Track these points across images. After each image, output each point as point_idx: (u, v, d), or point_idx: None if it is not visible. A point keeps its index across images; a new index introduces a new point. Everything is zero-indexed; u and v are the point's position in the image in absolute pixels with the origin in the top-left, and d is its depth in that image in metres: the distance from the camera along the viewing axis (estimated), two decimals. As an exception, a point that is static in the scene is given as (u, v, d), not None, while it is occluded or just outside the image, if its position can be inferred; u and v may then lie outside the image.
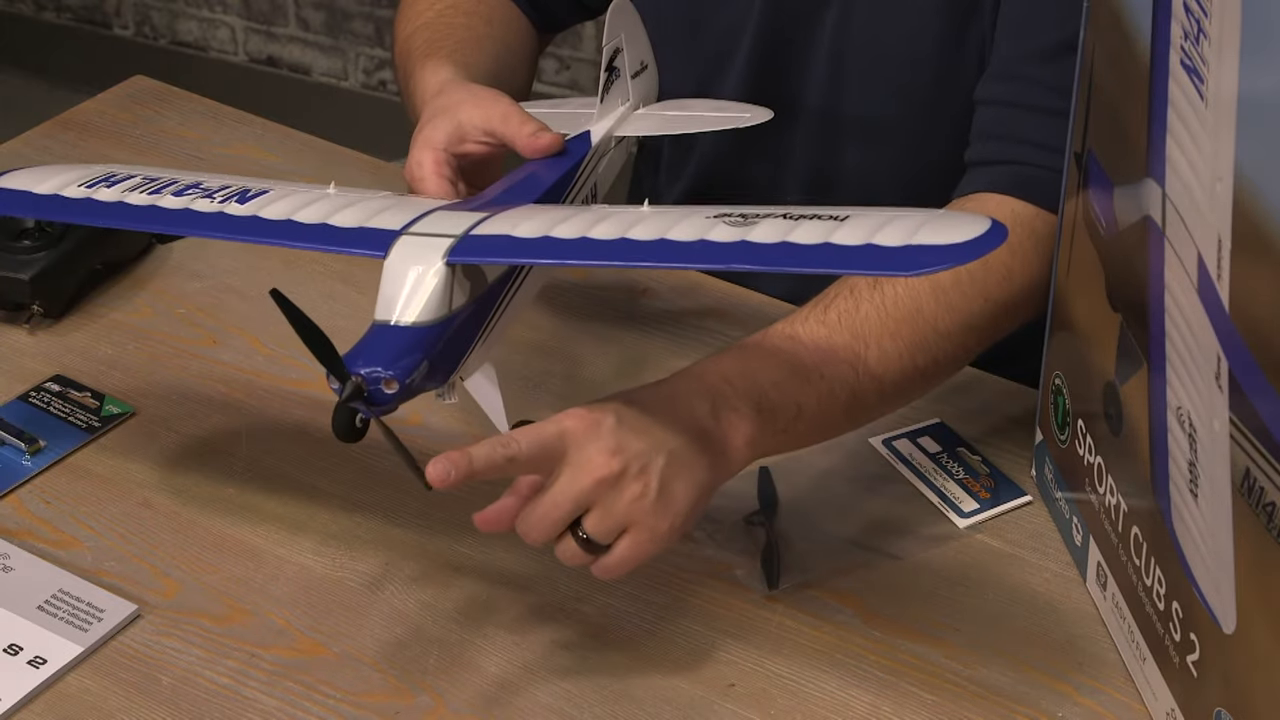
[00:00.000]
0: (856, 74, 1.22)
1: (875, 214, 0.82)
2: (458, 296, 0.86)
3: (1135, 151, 0.86)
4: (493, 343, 0.91)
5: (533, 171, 1.00)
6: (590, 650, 0.97)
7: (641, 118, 1.12)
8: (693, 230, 0.83)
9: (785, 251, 0.80)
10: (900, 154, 1.24)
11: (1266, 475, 0.74)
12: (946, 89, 1.19)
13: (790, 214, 0.83)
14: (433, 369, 0.85)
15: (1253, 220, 0.72)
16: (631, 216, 0.86)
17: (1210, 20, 0.74)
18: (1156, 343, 0.86)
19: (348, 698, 0.93)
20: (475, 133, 1.02)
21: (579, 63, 2.84)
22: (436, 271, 0.85)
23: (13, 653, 0.95)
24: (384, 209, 0.91)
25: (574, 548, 0.90)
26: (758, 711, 0.94)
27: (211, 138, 1.46)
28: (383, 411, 0.85)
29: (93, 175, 0.98)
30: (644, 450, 0.89)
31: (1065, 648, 0.98)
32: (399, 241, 0.87)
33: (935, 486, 1.09)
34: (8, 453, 1.10)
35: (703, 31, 1.27)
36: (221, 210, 0.92)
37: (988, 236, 0.79)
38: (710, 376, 0.95)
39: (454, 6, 1.26)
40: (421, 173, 1.00)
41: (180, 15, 3.18)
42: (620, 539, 0.90)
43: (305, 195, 0.93)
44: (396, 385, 0.83)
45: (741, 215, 0.84)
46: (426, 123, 1.03)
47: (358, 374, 0.83)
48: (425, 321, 0.84)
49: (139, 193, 0.95)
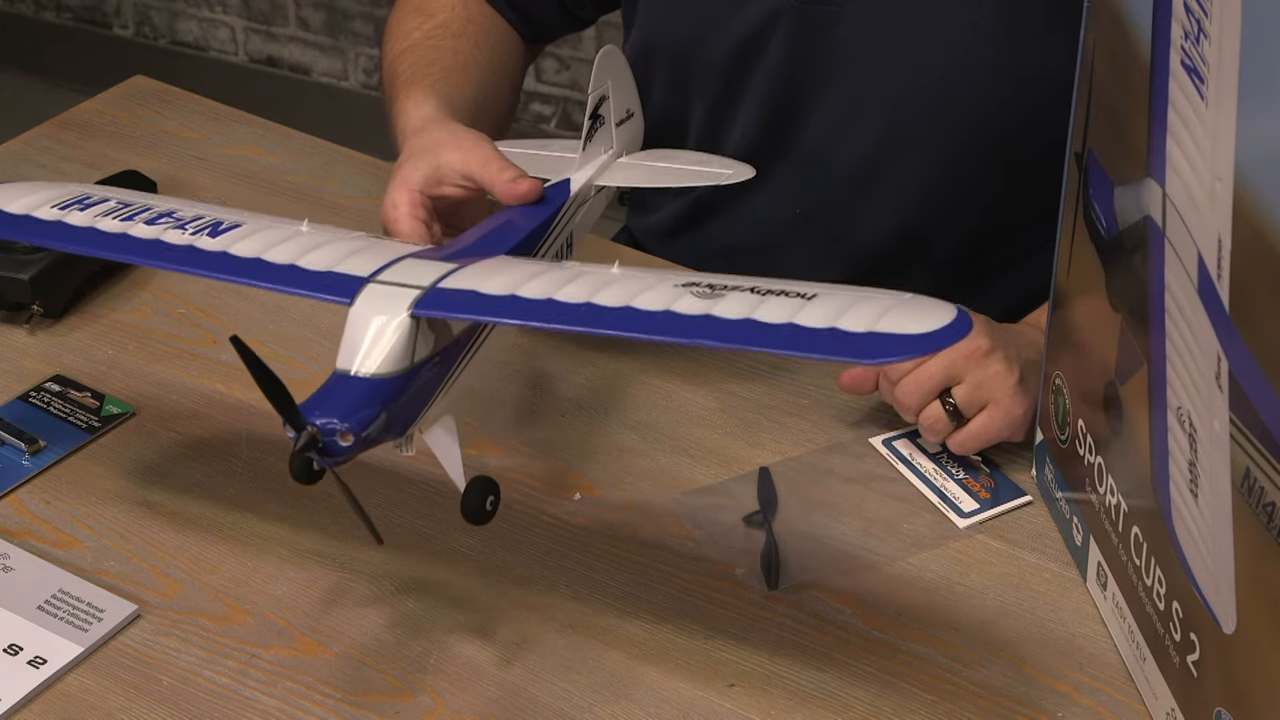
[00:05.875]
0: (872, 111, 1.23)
1: (843, 294, 0.81)
2: (421, 349, 0.84)
3: (1135, 151, 0.86)
4: (455, 396, 0.89)
5: (509, 219, 0.99)
6: (590, 650, 0.97)
7: (623, 167, 1.10)
8: (659, 299, 0.82)
9: (750, 330, 0.78)
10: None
11: (1266, 475, 0.74)
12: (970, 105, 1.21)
13: (758, 288, 0.82)
14: (391, 421, 0.84)
15: (1253, 220, 0.72)
16: (599, 278, 0.85)
17: (1210, 20, 0.74)
18: (1156, 343, 0.86)
19: (348, 698, 0.93)
20: (454, 175, 1.02)
21: (579, 63, 2.84)
22: (400, 323, 0.84)
23: (13, 653, 0.95)
24: (354, 252, 0.90)
25: (939, 413, 1.05)
26: (758, 711, 0.94)
27: (211, 138, 1.46)
28: (337, 462, 0.83)
29: (66, 196, 0.96)
30: (1008, 344, 1.06)
31: (1065, 648, 0.98)
32: (365, 290, 0.85)
33: (935, 486, 1.09)
34: (8, 453, 1.10)
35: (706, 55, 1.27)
36: (192, 244, 0.91)
37: (952, 327, 0.77)
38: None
39: (443, 27, 1.26)
40: (396, 214, 1.00)
41: (180, 15, 3.18)
42: (980, 413, 1.05)
43: (276, 232, 0.92)
44: (352, 438, 0.82)
45: (709, 285, 0.82)
46: (405, 161, 1.03)
47: (313, 424, 0.81)
48: (386, 374, 0.83)
49: (111, 218, 0.94)
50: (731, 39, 1.25)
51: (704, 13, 1.25)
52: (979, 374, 1.05)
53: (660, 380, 1.18)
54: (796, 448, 1.12)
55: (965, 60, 1.20)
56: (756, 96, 1.26)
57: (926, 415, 1.06)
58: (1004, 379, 1.06)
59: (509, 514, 1.06)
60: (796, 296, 0.80)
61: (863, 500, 1.08)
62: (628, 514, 1.07)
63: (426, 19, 1.27)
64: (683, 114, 1.31)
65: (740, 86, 1.27)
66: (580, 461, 1.10)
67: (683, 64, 1.28)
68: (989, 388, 1.06)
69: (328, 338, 1.17)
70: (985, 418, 1.06)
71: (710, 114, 1.30)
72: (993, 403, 1.06)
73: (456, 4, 1.29)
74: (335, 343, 1.06)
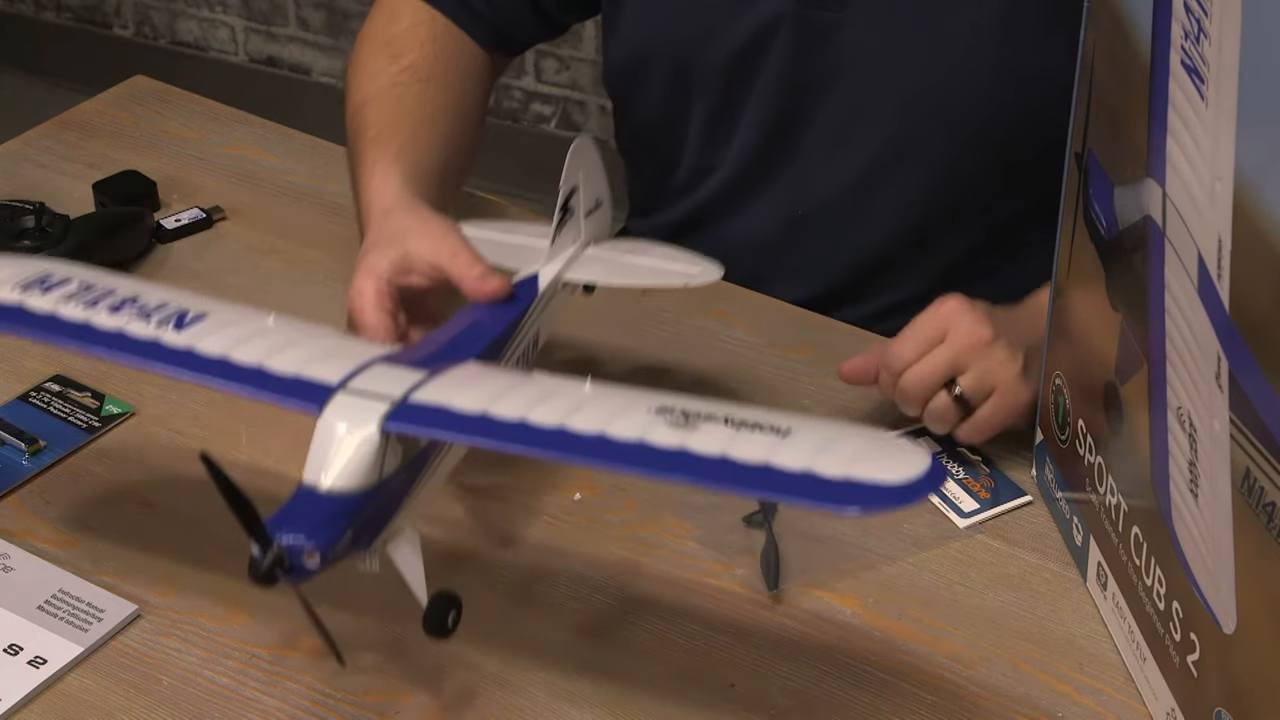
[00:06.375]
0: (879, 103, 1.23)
1: (817, 430, 0.80)
2: (389, 463, 0.83)
3: (1135, 151, 0.86)
4: (419, 507, 0.88)
5: (476, 319, 0.97)
6: (590, 650, 0.97)
7: (591, 261, 1.08)
8: (633, 427, 0.80)
9: (726, 470, 0.77)
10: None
11: (1266, 475, 0.74)
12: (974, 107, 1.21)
13: (731, 418, 0.80)
14: (357, 537, 0.83)
15: (1253, 220, 0.72)
16: (572, 398, 0.83)
17: (1210, 20, 0.74)
18: (1156, 343, 0.86)
19: (348, 698, 0.93)
20: (422, 265, 1.01)
21: (579, 62, 2.84)
22: (370, 438, 0.82)
23: (13, 653, 0.95)
24: (322, 354, 0.88)
25: (947, 403, 1.06)
26: (758, 711, 0.94)
27: (211, 138, 1.46)
28: (302, 581, 0.82)
29: (29, 275, 0.94)
30: (1010, 331, 1.07)
31: (1065, 648, 0.98)
32: (335, 399, 0.84)
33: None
34: (8, 453, 1.10)
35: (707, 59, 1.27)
36: (158, 338, 0.89)
37: (928, 479, 0.76)
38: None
39: (410, 70, 1.23)
40: (363, 302, 0.99)
41: (180, 15, 3.18)
42: (987, 401, 1.06)
43: (243, 328, 0.90)
44: (318, 558, 0.80)
45: (683, 413, 0.81)
46: (373, 247, 1.03)
47: (280, 542, 0.80)
48: (354, 490, 0.82)
49: (74, 304, 0.92)
50: (732, 44, 1.24)
51: (702, 17, 1.25)
52: (984, 363, 1.06)
53: (660, 380, 1.18)
54: (796, 448, 1.12)
55: (966, 62, 1.20)
56: (759, 101, 1.26)
57: (934, 405, 1.07)
58: (1007, 367, 1.06)
59: (509, 514, 1.06)
60: (771, 431, 0.79)
61: (863, 500, 1.08)
62: (628, 514, 1.07)
63: (393, 60, 1.24)
64: (681, 118, 1.31)
65: (742, 92, 1.26)
66: (580, 461, 1.10)
67: (681, 69, 1.28)
68: (993, 375, 1.06)
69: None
70: (991, 406, 1.07)
71: (711, 118, 1.29)
72: (998, 391, 1.07)
73: (424, 39, 1.26)
74: (335, 342, 1.06)
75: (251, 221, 1.36)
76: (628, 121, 1.39)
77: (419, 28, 1.27)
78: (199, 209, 1.35)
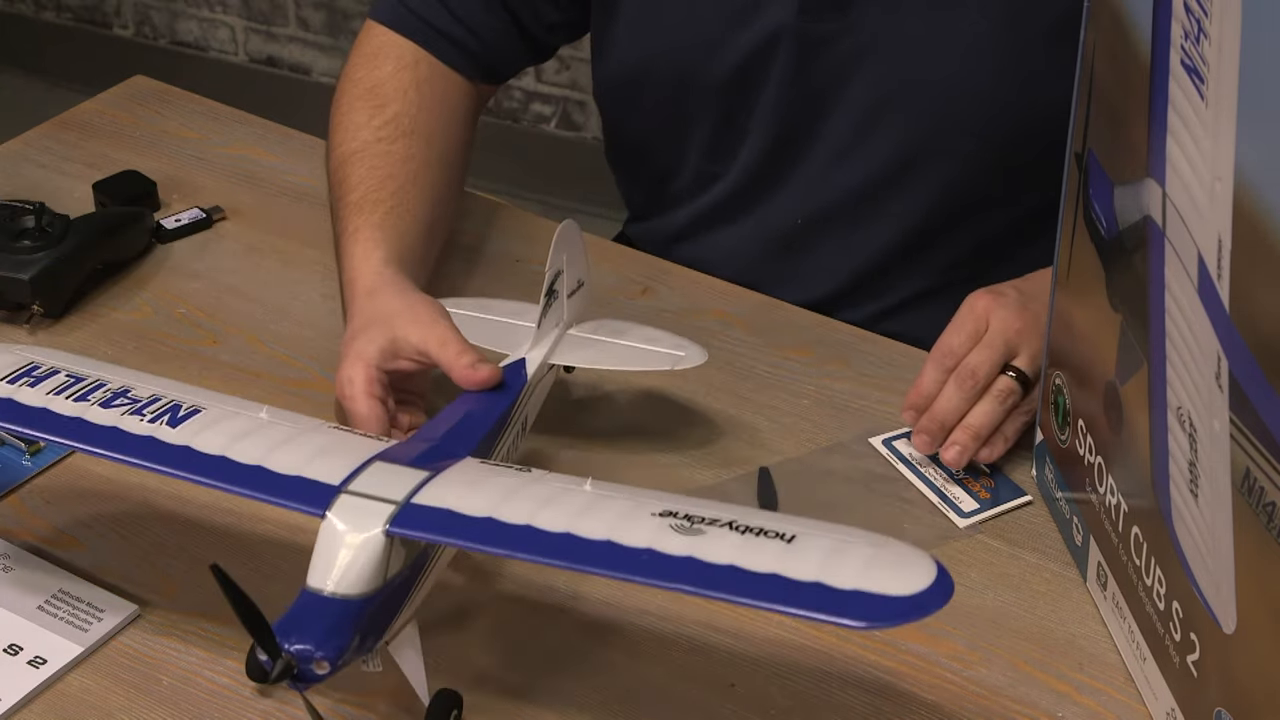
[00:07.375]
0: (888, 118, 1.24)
1: (825, 535, 0.79)
2: (394, 564, 0.83)
3: (1135, 151, 0.86)
4: (419, 602, 0.88)
5: (469, 410, 0.97)
6: (590, 650, 0.97)
7: (576, 343, 1.09)
8: (641, 535, 0.80)
9: (736, 580, 0.77)
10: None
11: (1266, 475, 0.74)
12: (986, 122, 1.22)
13: (736, 523, 0.80)
14: (363, 641, 0.83)
15: (1253, 220, 0.72)
16: (577, 501, 0.83)
17: (1210, 20, 0.74)
18: (1156, 343, 0.86)
19: (347, 698, 0.93)
20: (410, 351, 1.01)
21: (579, 63, 2.84)
22: (375, 541, 0.82)
23: (13, 653, 0.95)
24: (321, 451, 0.88)
25: (1010, 383, 1.08)
26: (758, 711, 0.94)
27: (211, 138, 1.46)
28: (309, 688, 0.82)
29: (14, 366, 0.94)
30: (1039, 310, 1.08)
31: (1065, 648, 0.98)
32: (338, 502, 0.84)
33: (935, 486, 1.09)
34: (8, 453, 1.10)
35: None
36: (153, 434, 0.88)
37: (938, 588, 0.76)
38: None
39: (393, 123, 1.21)
40: (353, 391, 0.99)
41: (180, 15, 3.18)
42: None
43: (239, 422, 0.90)
44: (328, 666, 0.80)
45: (687, 517, 0.81)
46: (360, 332, 1.03)
47: (289, 651, 0.80)
48: (360, 594, 0.82)
49: (64, 397, 0.91)
50: (733, 59, 1.24)
51: (701, 34, 1.24)
52: (1033, 341, 1.09)
53: (660, 379, 1.18)
54: (796, 448, 1.12)
55: (969, 65, 1.20)
56: (764, 113, 1.26)
57: (1000, 385, 1.09)
58: (1040, 357, 1.09)
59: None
60: (776, 538, 0.79)
61: (863, 500, 1.08)
62: (628, 514, 1.06)
63: (376, 112, 1.22)
64: (680, 131, 1.31)
65: (746, 104, 1.26)
66: (580, 462, 1.10)
67: (680, 84, 1.27)
68: (1039, 359, 1.09)
69: (328, 338, 1.18)
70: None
71: (714, 131, 1.29)
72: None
73: (408, 86, 1.24)
74: (336, 343, 1.06)
75: (251, 221, 1.36)
76: (621, 135, 1.39)
77: (402, 74, 1.24)
78: (199, 209, 1.35)
